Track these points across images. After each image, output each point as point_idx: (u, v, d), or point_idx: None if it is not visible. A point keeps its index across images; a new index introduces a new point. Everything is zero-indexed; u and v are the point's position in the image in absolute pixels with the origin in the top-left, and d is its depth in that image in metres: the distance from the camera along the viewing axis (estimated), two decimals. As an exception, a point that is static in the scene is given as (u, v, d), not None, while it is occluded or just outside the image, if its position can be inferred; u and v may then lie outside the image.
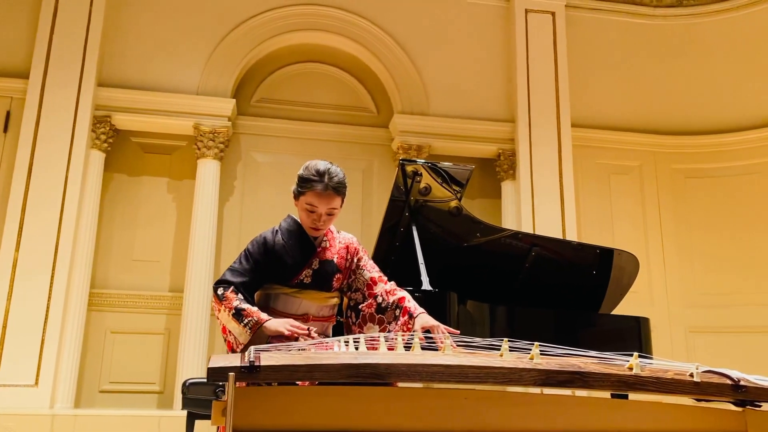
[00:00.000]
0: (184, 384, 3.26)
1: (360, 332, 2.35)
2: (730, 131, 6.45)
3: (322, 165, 2.31)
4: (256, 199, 5.93)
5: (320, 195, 2.27)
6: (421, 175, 3.54)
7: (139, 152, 5.85)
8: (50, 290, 5.03)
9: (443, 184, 3.63)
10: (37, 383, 4.84)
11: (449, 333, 2.12)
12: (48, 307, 4.99)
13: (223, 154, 5.71)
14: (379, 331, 2.30)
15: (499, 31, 6.49)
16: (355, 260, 2.45)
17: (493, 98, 6.32)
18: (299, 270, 2.33)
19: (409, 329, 2.21)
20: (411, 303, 2.32)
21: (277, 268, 2.32)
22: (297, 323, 2.16)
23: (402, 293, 2.37)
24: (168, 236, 5.72)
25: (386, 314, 2.33)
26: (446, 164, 3.64)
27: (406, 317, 2.27)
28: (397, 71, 6.18)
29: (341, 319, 2.49)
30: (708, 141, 6.50)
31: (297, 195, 2.34)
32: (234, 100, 5.81)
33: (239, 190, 5.96)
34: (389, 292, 2.38)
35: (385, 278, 2.45)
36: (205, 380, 3.23)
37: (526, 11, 6.44)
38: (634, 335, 3.94)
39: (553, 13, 6.48)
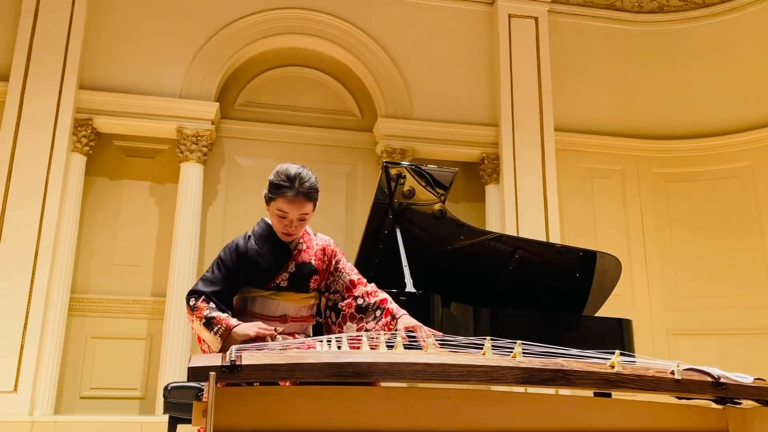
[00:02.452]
0: (165, 388, 3.22)
1: (340, 332, 2.33)
2: (711, 135, 6.54)
3: (292, 170, 2.25)
4: (239, 203, 5.89)
5: (291, 201, 2.23)
6: (404, 177, 3.53)
7: (121, 156, 5.80)
8: (30, 295, 4.95)
9: (427, 187, 3.63)
10: (16, 389, 4.77)
11: (432, 334, 2.12)
12: (27, 313, 4.92)
13: (206, 157, 5.68)
14: (357, 331, 2.29)
15: (483, 36, 6.52)
16: (333, 262, 2.42)
17: (477, 102, 6.35)
18: (275, 274, 2.30)
19: (390, 329, 2.20)
20: (393, 305, 2.31)
21: (252, 274, 2.29)
22: (264, 325, 2.13)
23: (384, 295, 2.36)
24: (150, 240, 5.67)
25: (366, 314, 2.31)
26: (430, 167, 3.65)
27: (388, 318, 2.25)
28: (381, 75, 6.19)
29: (320, 320, 2.47)
30: (689, 145, 6.58)
31: (268, 200, 2.30)
32: (217, 103, 5.78)
33: (222, 194, 5.93)
34: (370, 293, 2.36)
35: (365, 280, 2.43)
36: (187, 384, 3.20)
37: (510, 16, 6.48)
38: (616, 337, 3.97)
39: (536, 19, 6.53)
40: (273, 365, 1.58)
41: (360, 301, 2.34)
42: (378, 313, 2.29)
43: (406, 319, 2.23)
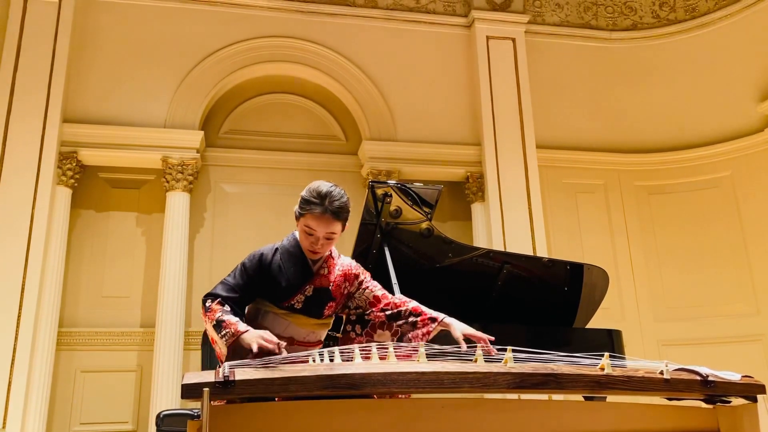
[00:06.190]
0: (158, 416, 3.19)
1: (368, 341, 2.30)
2: (690, 147, 6.65)
3: (324, 187, 2.24)
4: (226, 230, 5.89)
5: (319, 218, 2.21)
6: (391, 196, 3.56)
7: (106, 187, 5.79)
8: (17, 331, 4.89)
9: (414, 206, 3.66)
10: (4, 426, 4.69)
11: (482, 340, 2.09)
12: (15, 348, 4.86)
13: (192, 186, 5.69)
14: (391, 339, 2.27)
15: (462, 58, 6.63)
16: (356, 284, 2.40)
17: (460, 123, 6.43)
18: (292, 295, 2.27)
19: (430, 333, 2.20)
20: (427, 309, 2.30)
21: (269, 289, 2.27)
22: (269, 337, 2.07)
23: (415, 303, 2.35)
24: (138, 271, 5.64)
25: (400, 323, 2.30)
26: (416, 185, 3.68)
27: (426, 321, 2.24)
28: (363, 99, 6.26)
29: (337, 335, 2.44)
30: (668, 158, 6.68)
31: (297, 216, 2.27)
32: (202, 132, 5.81)
33: (209, 222, 5.92)
34: (398, 304, 2.35)
35: (389, 296, 2.41)
36: (180, 411, 3.18)
37: (488, 38, 6.59)
38: (607, 348, 3.97)
39: (513, 39, 6.65)
40: (266, 380, 1.59)
41: (388, 311, 2.33)
42: (410, 318, 2.28)
43: (459, 326, 2.21)
